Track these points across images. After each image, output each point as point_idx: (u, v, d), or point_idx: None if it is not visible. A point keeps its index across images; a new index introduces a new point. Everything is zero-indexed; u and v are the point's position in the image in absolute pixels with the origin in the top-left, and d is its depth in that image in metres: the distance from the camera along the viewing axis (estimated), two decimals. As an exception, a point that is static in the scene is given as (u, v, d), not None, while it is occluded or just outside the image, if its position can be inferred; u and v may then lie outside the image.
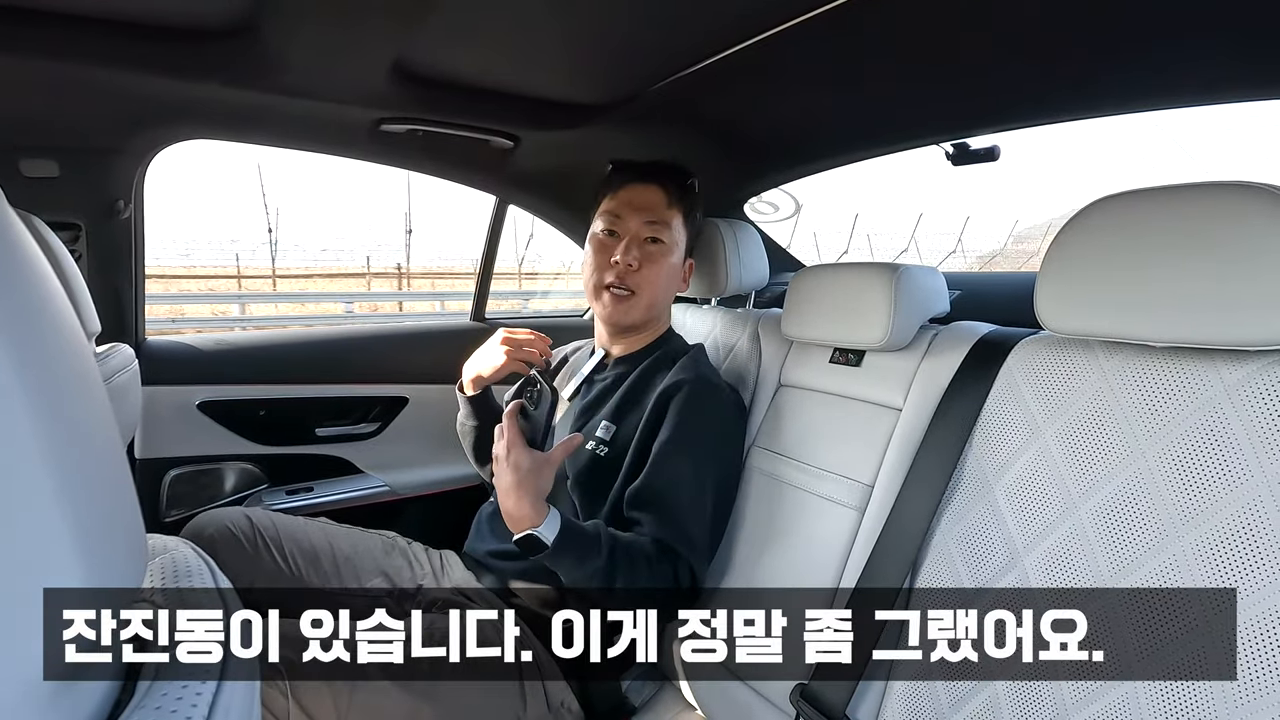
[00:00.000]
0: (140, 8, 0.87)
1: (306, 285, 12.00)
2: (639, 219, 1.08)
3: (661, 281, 1.10)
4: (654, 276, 1.09)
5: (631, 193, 1.10)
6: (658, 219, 1.09)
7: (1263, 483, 0.54)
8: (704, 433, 1.01)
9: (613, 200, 1.11)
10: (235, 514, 1.06)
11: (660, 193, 1.10)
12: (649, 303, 1.10)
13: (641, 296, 1.09)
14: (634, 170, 1.12)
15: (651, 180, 1.11)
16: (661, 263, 1.09)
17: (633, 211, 1.09)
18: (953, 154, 1.18)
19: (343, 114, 1.18)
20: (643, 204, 1.09)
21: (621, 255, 1.06)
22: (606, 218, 1.11)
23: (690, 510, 0.95)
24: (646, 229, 1.08)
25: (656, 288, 1.10)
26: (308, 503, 1.46)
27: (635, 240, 1.08)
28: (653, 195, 1.10)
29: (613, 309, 1.09)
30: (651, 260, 1.08)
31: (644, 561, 0.89)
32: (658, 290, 1.10)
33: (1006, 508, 0.72)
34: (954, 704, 0.70)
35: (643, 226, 1.08)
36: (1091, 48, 0.82)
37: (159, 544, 0.35)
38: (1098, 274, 0.64)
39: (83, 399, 0.24)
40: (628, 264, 1.06)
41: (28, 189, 1.17)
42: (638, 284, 1.08)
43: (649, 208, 1.09)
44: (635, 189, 1.10)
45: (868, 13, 0.79)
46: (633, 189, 1.11)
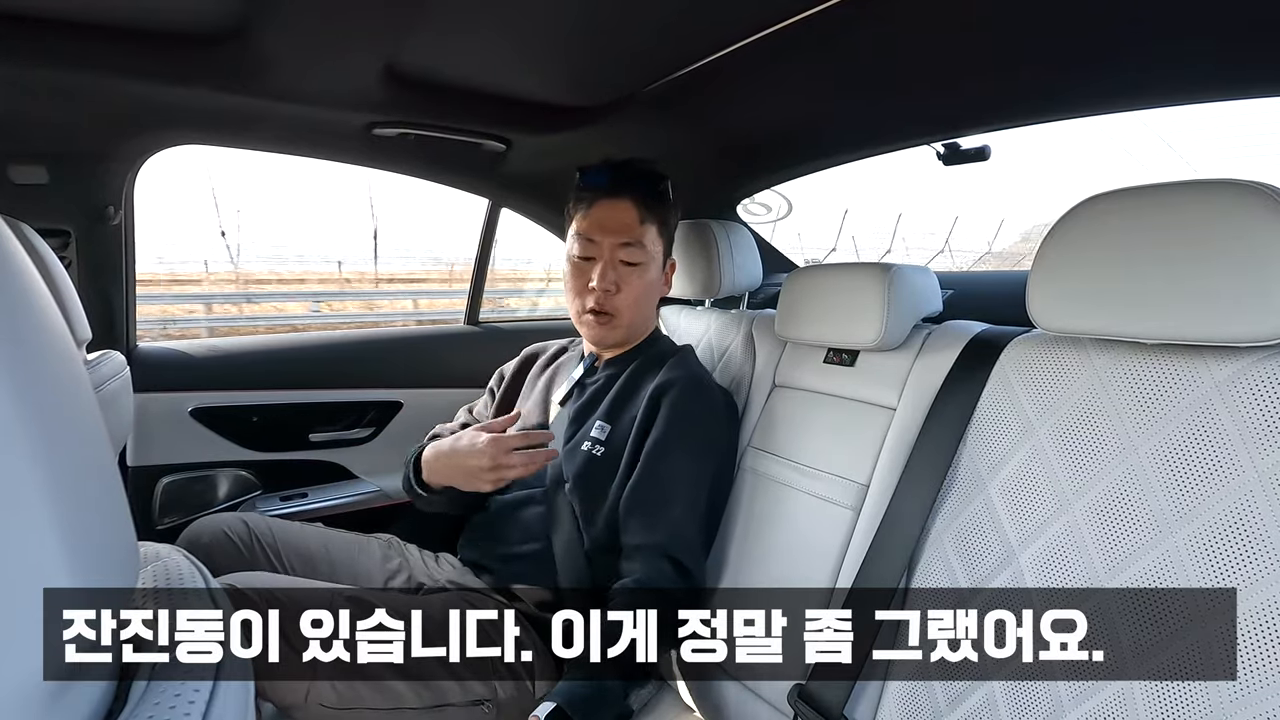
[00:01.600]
0: (130, 12, 0.87)
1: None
2: (612, 240, 1.06)
3: (641, 299, 1.10)
4: (632, 297, 1.08)
5: (603, 211, 1.08)
6: (631, 239, 1.06)
7: (1254, 478, 0.54)
8: (695, 430, 1.01)
9: (585, 220, 1.08)
10: (232, 519, 1.06)
11: (632, 208, 1.07)
12: (629, 321, 1.10)
13: (622, 318, 1.08)
14: (602, 183, 1.09)
15: (622, 194, 1.07)
16: (638, 282, 1.08)
17: (605, 233, 1.06)
18: (944, 154, 1.19)
19: (334, 118, 1.18)
20: (615, 225, 1.06)
21: (598, 281, 1.05)
22: (579, 241, 1.08)
23: (682, 509, 0.96)
24: (621, 251, 1.06)
25: (636, 307, 1.09)
26: (302, 509, 1.45)
27: (610, 263, 1.06)
28: (624, 213, 1.07)
29: (596, 332, 1.09)
30: (628, 281, 1.07)
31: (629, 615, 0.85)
32: (637, 309, 1.10)
33: (1001, 505, 0.72)
34: (951, 703, 0.70)
35: (617, 249, 1.06)
36: (1083, 49, 0.83)
37: (151, 551, 0.35)
38: (1088, 272, 0.64)
39: (72, 407, 0.24)
40: (604, 289, 1.05)
41: (16, 195, 1.17)
42: (616, 307, 1.07)
43: (621, 228, 1.06)
44: (605, 206, 1.07)
45: (859, 14, 0.79)
46: (603, 206, 1.08)
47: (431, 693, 0.86)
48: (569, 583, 0.99)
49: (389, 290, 11.02)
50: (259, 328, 7.83)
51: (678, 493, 0.96)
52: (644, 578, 0.91)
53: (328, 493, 1.51)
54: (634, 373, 1.10)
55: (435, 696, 0.86)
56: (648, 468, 0.98)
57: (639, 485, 0.97)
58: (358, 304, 9.88)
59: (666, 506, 0.95)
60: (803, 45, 0.89)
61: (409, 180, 1.50)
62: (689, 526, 0.96)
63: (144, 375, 1.30)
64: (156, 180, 1.39)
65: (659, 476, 0.97)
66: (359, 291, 10.68)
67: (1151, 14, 0.74)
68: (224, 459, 1.43)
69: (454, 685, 0.87)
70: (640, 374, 1.09)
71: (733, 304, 1.40)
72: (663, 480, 0.97)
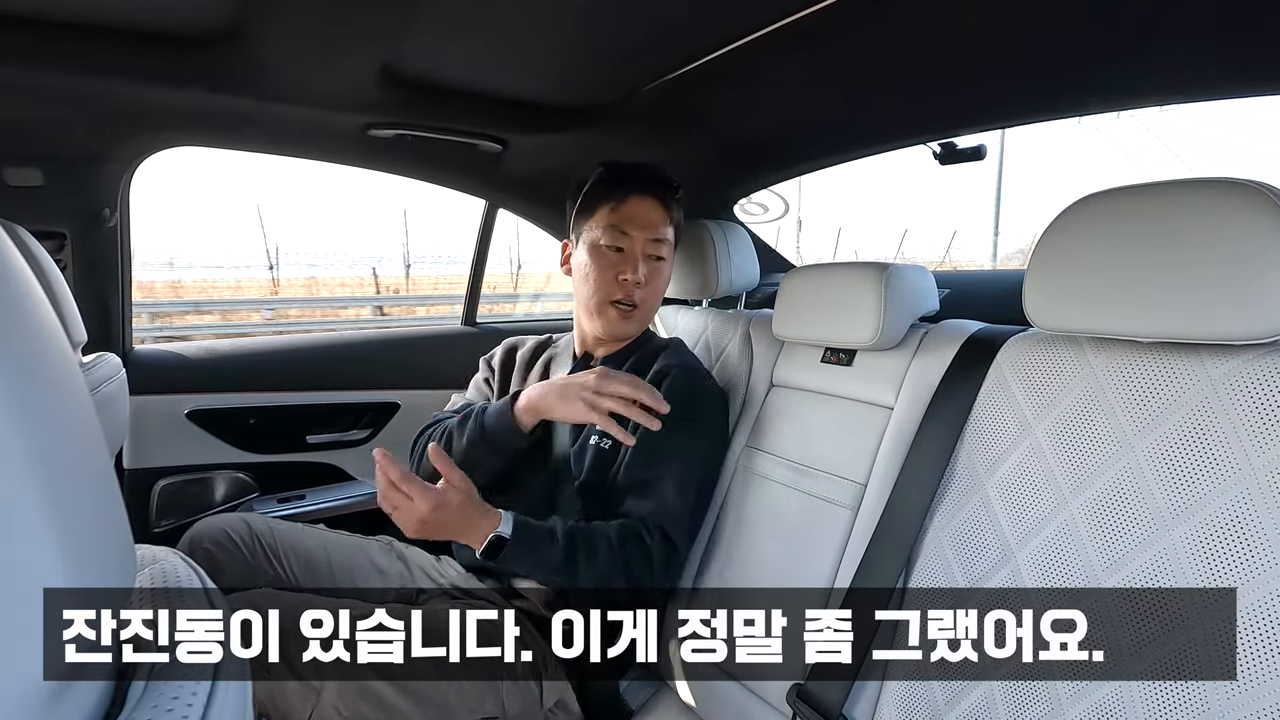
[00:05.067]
0: (125, 14, 0.86)
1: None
2: (644, 235, 1.09)
3: (660, 294, 1.16)
4: (656, 291, 1.14)
5: (635, 206, 1.10)
6: (660, 236, 1.10)
7: (1250, 476, 0.54)
8: (688, 412, 1.02)
9: (616, 213, 1.09)
10: (233, 520, 1.06)
11: (660, 207, 1.11)
12: (648, 315, 1.15)
13: (645, 310, 1.13)
14: (635, 180, 1.11)
15: (653, 193, 1.11)
16: (663, 277, 1.14)
17: (638, 228, 1.09)
18: (940, 153, 1.19)
19: (330, 119, 1.18)
20: (647, 220, 1.10)
21: (632, 274, 1.08)
22: (610, 232, 1.09)
23: (673, 485, 0.97)
24: (651, 246, 1.10)
25: (657, 301, 1.15)
26: (300, 510, 1.45)
27: (643, 257, 1.09)
28: (655, 211, 1.11)
29: (618, 325, 1.11)
30: (655, 276, 1.11)
31: (605, 545, 0.91)
32: (657, 303, 1.16)
33: (999, 504, 0.72)
34: (949, 701, 0.70)
35: (648, 244, 1.10)
36: (1081, 48, 0.83)
37: (148, 554, 0.35)
38: (1084, 271, 0.65)
39: (68, 409, 0.24)
40: (637, 282, 1.08)
41: (11, 198, 1.16)
42: (642, 299, 1.11)
43: (653, 224, 1.10)
44: (638, 202, 1.10)
45: (856, 14, 0.79)
46: (636, 202, 1.10)
47: (438, 710, 0.85)
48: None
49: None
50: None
51: (669, 470, 0.98)
52: (630, 525, 0.94)
53: (325, 494, 1.51)
54: (631, 368, 1.10)
55: (441, 714, 0.86)
56: (641, 447, 0.99)
57: (632, 463, 1.00)
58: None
59: (659, 482, 0.97)
60: (799, 45, 0.89)
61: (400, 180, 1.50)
62: (678, 502, 0.97)
63: (140, 377, 1.29)
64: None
65: (652, 454, 0.99)
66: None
67: (1150, 14, 0.74)
68: (221, 461, 1.43)
69: (460, 700, 0.87)
70: (636, 368, 1.10)
71: (730, 304, 1.40)
72: (655, 458, 0.99)
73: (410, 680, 0.84)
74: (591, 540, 0.91)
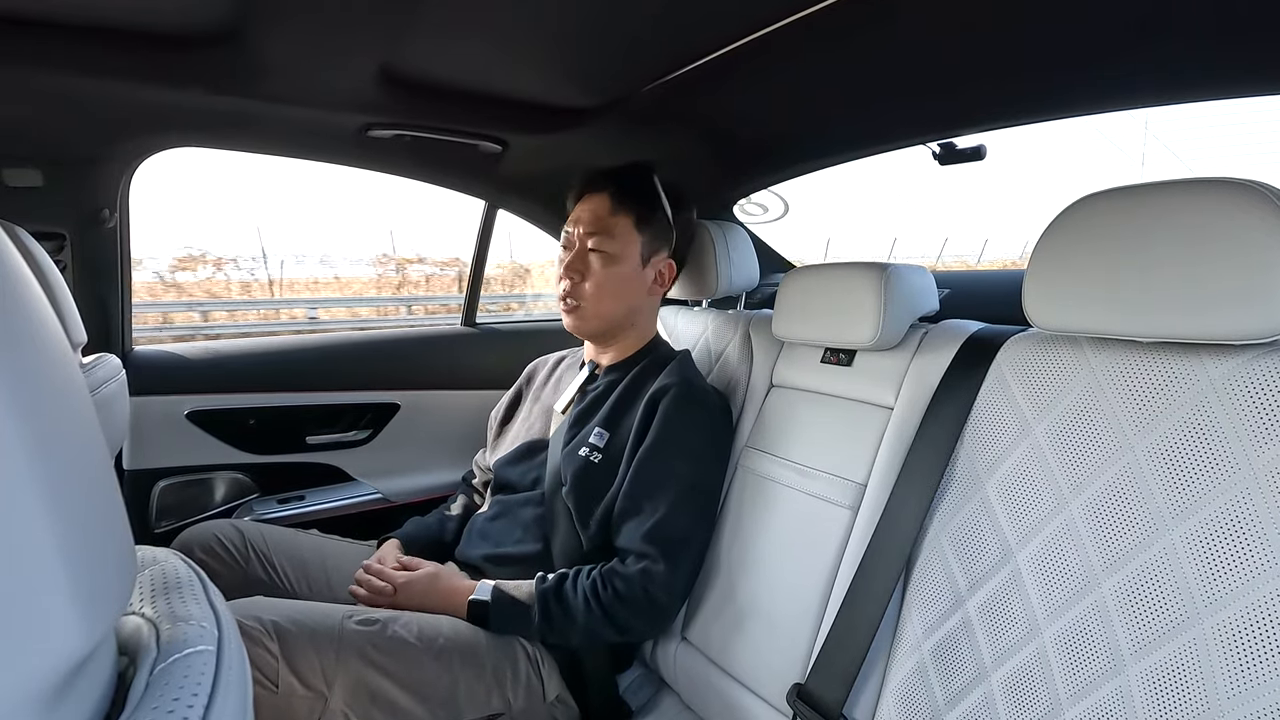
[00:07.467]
0: (123, 15, 0.86)
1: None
2: (583, 230, 1.10)
3: (607, 292, 1.09)
4: (594, 288, 1.09)
5: (583, 205, 1.12)
6: (598, 229, 1.09)
7: (1250, 475, 0.54)
8: (687, 436, 1.01)
9: (572, 213, 1.13)
10: (224, 526, 1.05)
11: (606, 200, 1.10)
12: (595, 313, 1.10)
13: (586, 308, 1.10)
14: (596, 180, 1.12)
15: (601, 187, 1.11)
16: (602, 271, 1.09)
17: (583, 224, 1.10)
18: (940, 153, 1.19)
19: (329, 120, 1.18)
20: (587, 216, 1.10)
21: (564, 269, 1.09)
22: (563, 235, 1.14)
23: (670, 513, 0.96)
24: (590, 240, 1.09)
25: (600, 299, 1.09)
26: (299, 511, 1.45)
27: (579, 254, 1.09)
28: (597, 204, 1.10)
29: (567, 321, 1.13)
30: (592, 270, 1.09)
31: (581, 605, 0.92)
32: (603, 301, 1.10)
33: (998, 504, 0.72)
34: (949, 701, 0.70)
35: (584, 239, 1.09)
36: (1081, 48, 0.83)
37: (148, 555, 0.35)
38: (1084, 271, 0.65)
39: (68, 409, 0.24)
40: (569, 276, 1.09)
41: (11, 199, 1.16)
42: (580, 297, 1.09)
43: (593, 219, 1.10)
44: (589, 199, 1.12)
45: (854, 14, 0.79)
46: (587, 199, 1.12)
47: (446, 709, 0.85)
48: None
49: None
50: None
51: (666, 496, 0.97)
52: (622, 576, 0.95)
53: (325, 495, 1.50)
54: (634, 379, 1.10)
55: (450, 714, 0.86)
56: (639, 472, 0.99)
57: (631, 489, 0.99)
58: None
59: (655, 509, 0.96)
60: (797, 46, 0.89)
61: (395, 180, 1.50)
62: (674, 528, 0.96)
63: (140, 378, 1.29)
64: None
65: (649, 481, 0.98)
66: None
67: (1150, 13, 0.74)
68: (221, 462, 1.42)
69: (467, 698, 0.87)
70: (640, 380, 1.10)
71: (730, 304, 1.40)
72: (653, 484, 0.98)
73: (417, 681, 0.84)
74: (564, 603, 0.93)
